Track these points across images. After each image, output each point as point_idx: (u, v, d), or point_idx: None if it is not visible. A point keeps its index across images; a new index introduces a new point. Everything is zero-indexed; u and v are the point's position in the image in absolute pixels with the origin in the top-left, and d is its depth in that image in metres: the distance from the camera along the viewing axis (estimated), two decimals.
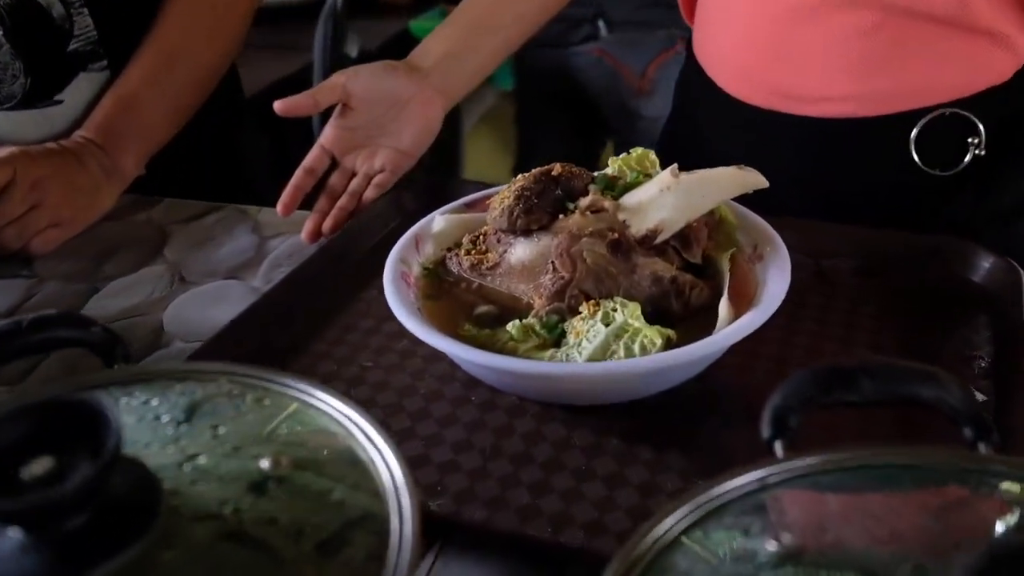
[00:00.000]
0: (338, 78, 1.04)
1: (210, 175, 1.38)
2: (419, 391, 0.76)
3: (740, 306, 0.70)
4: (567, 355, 0.65)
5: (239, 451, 0.43)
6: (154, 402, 0.48)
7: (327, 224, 1.04)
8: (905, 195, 1.02)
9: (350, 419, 0.47)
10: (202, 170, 1.36)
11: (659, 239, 0.71)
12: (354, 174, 1.09)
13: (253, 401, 0.48)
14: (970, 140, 0.96)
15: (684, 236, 0.73)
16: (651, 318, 0.67)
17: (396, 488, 0.41)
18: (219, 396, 0.48)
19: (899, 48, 0.95)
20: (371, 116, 1.06)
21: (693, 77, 1.17)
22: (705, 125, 1.15)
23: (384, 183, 1.08)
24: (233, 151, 1.47)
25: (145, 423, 0.46)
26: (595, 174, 0.76)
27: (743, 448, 0.67)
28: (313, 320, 0.87)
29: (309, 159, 1.07)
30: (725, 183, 0.70)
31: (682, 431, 0.69)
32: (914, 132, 0.97)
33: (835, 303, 0.84)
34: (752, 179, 0.70)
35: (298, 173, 1.06)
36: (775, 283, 0.69)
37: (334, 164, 1.10)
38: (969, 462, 0.41)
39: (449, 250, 0.81)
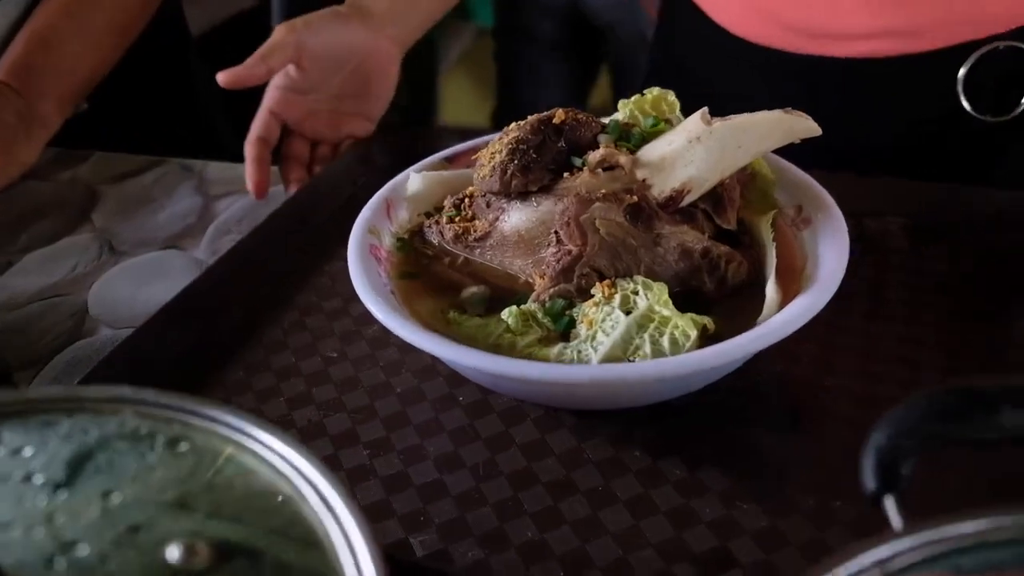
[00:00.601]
0: (287, 35, 0.88)
1: (153, 124, 1.23)
2: (395, 390, 0.64)
3: (787, 283, 0.58)
4: (578, 352, 0.53)
5: (138, 534, 0.31)
6: (27, 451, 0.35)
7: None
8: (949, 147, 0.89)
9: (300, 473, 0.35)
10: (143, 118, 1.21)
11: (685, 201, 0.59)
12: (314, 141, 0.96)
13: (165, 447, 0.36)
14: None
15: (716, 197, 0.61)
16: (678, 300, 0.55)
17: None
18: (119, 440, 0.36)
19: None
20: (323, 76, 0.92)
21: (676, 3, 1.02)
22: (689, 60, 1.01)
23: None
24: (180, 97, 1.33)
25: (10, 488, 0.33)
26: (605, 120, 0.64)
27: (793, 459, 0.56)
28: (267, 300, 0.74)
29: (259, 128, 0.92)
30: (768, 131, 0.58)
31: (717, 440, 0.58)
32: (962, 71, 0.84)
33: (889, 273, 0.72)
34: (801, 125, 0.58)
35: (253, 146, 0.91)
36: (831, 256, 0.58)
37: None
38: None
39: (428, 216, 0.68)
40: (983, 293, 0.70)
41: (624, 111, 0.67)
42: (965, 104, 0.85)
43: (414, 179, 0.69)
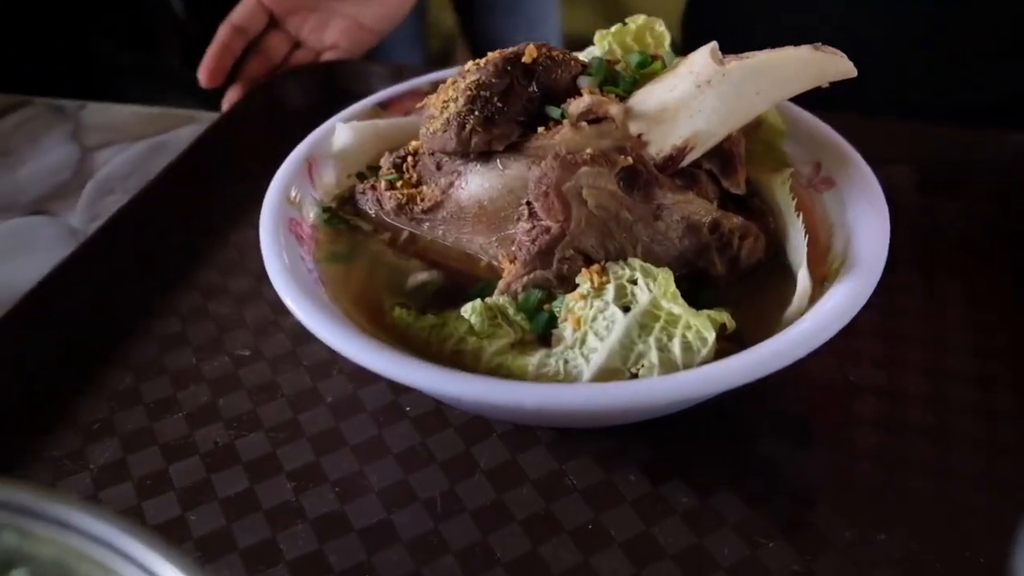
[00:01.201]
0: None
1: (14, 54, 1.06)
2: (324, 399, 0.53)
3: (810, 263, 0.48)
4: (565, 361, 0.43)
5: None
6: None
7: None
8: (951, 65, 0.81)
9: None
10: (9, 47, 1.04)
11: (687, 160, 0.49)
12: (298, 41, 0.84)
13: None
14: None
15: (723, 154, 0.51)
16: (680, 286, 0.45)
17: None
18: None
19: None
20: None
21: None
22: None
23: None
24: (49, 17, 1.15)
25: None
26: (583, 57, 0.52)
27: (820, 477, 0.48)
28: (160, 280, 0.62)
29: (240, 14, 0.81)
30: (794, 73, 0.47)
31: (727, 455, 0.49)
32: None
33: (901, 232, 0.62)
34: (835, 66, 0.47)
35: (225, 30, 0.80)
36: (868, 231, 0.48)
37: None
38: None
39: (361, 178, 0.56)
40: (1007, 254, 0.61)
41: (601, 45, 0.56)
42: None
43: (342, 131, 0.57)
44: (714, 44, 0.48)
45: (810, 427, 0.50)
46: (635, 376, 0.42)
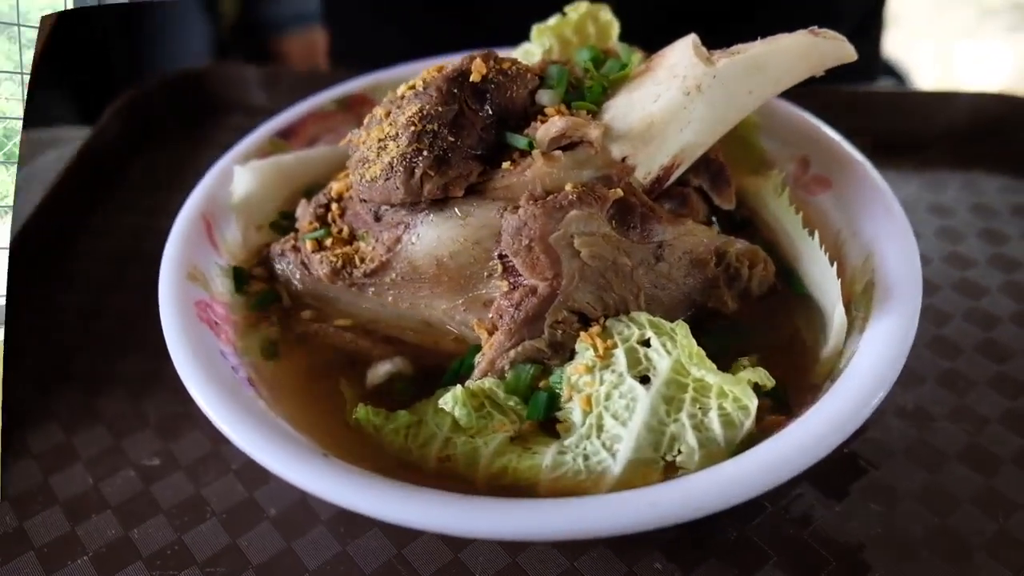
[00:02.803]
0: None
1: None
2: (266, 511, 0.43)
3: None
4: (585, 456, 0.35)
5: None
6: None
7: None
8: None
9: None
10: None
11: (673, 178, 0.41)
12: None
13: None
14: None
15: (711, 167, 0.44)
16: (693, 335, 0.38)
17: None
18: None
19: None
20: None
21: None
22: None
23: None
24: None
25: None
26: (519, 56, 0.44)
27: (867, 539, 0.41)
28: (24, 376, 0.50)
29: None
30: (791, 65, 0.41)
31: (762, 523, 0.42)
32: None
33: None
34: (835, 52, 0.40)
35: None
36: (894, 246, 0.42)
37: None
38: None
39: (276, 231, 0.46)
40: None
41: (540, 41, 0.48)
42: None
43: (241, 175, 0.47)
44: (695, 38, 0.41)
45: (842, 470, 0.44)
46: (672, 465, 0.35)
